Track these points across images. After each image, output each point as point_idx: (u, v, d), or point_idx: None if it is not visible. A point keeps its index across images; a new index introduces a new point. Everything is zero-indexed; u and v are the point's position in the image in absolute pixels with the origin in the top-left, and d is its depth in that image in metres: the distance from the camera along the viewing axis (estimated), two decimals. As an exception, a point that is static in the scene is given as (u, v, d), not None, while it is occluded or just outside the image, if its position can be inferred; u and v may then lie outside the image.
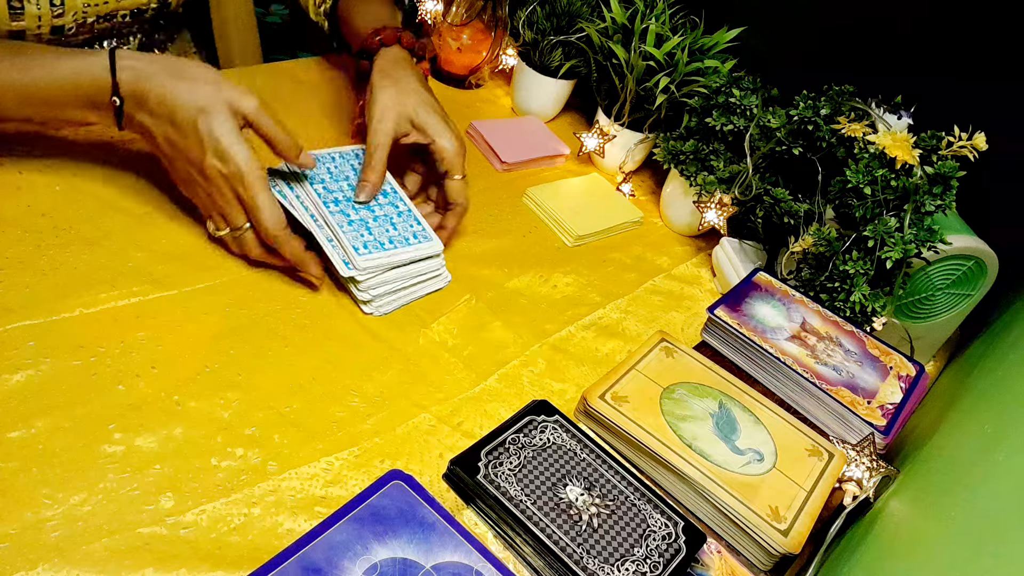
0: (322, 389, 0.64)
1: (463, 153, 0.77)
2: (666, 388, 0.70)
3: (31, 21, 0.73)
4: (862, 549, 0.60)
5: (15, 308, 0.60)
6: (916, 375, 0.79)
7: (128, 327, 0.62)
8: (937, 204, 0.78)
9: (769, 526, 0.60)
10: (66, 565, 0.47)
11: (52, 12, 0.74)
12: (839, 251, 0.81)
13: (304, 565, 0.49)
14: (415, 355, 0.70)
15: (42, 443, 0.52)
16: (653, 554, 0.57)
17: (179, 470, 0.54)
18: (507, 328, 0.77)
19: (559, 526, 0.57)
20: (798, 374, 0.75)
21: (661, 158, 0.97)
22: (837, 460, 0.68)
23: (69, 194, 0.70)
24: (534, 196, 0.95)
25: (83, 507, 0.50)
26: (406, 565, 0.51)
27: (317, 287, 0.71)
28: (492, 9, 1.07)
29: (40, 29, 0.75)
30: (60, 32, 0.77)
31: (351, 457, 0.60)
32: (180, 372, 0.60)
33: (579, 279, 0.87)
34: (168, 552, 0.50)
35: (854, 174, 0.79)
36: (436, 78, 1.13)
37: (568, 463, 0.62)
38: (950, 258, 0.82)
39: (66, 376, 0.57)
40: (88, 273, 0.64)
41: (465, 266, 0.82)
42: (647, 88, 0.98)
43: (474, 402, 0.68)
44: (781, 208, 0.88)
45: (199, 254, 0.70)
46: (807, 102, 0.87)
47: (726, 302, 0.81)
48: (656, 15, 0.98)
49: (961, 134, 0.78)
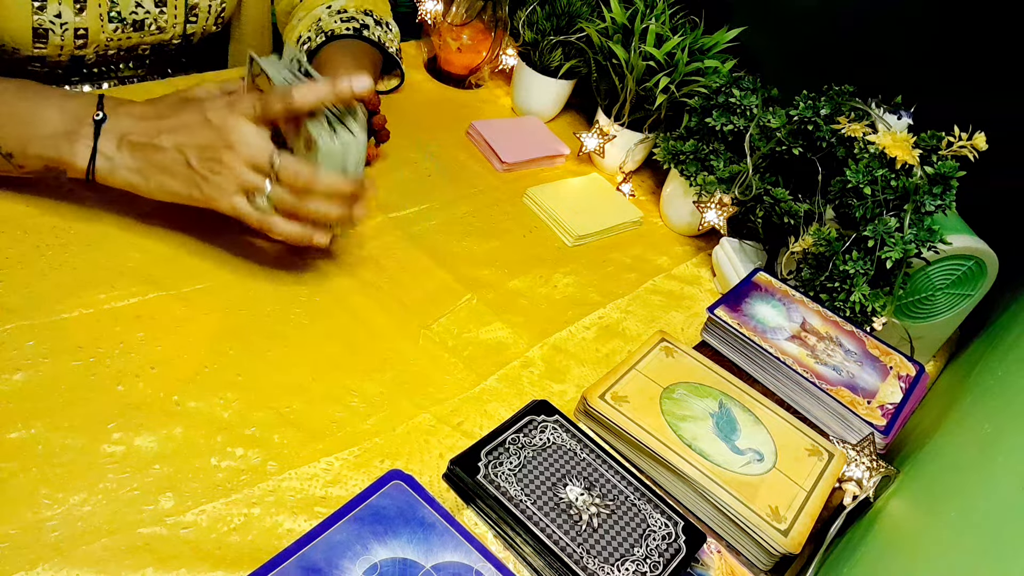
0: (322, 389, 0.64)
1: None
2: (666, 388, 0.70)
3: (53, 50, 0.73)
4: (862, 549, 0.60)
5: (15, 308, 0.60)
6: (916, 375, 0.79)
7: (127, 327, 0.62)
8: (937, 204, 0.78)
9: (769, 526, 0.60)
10: (66, 565, 0.47)
11: (75, 44, 0.74)
12: (839, 251, 0.81)
13: (304, 565, 0.49)
14: (415, 355, 0.70)
15: (42, 443, 0.52)
16: (653, 554, 0.57)
17: (179, 470, 0.54)
18: (507, 328, 0.77)
19: (559, 526, 0.57)
20: (798, 374, 0.75)
21: (661, 158, 0.97)
22: (837, 460, 0.68)
23: (69, 194, 0.70)
24: (534, 196, 0.95)
25: (83, 507, 0.50)
26: (406, 565, 0.51)
27: (326, 244, 0.68)
28: (492, 9, 1.07)
29: (60, 57, 0.75)
30: (80, 61, 0.77)
31: (351, 457, 0.60)
32: (179, 372, 0.60)
33: (579, 279, 0.87)
34: (168, 552, 0.50)
35: (854, 174, 0.79)
36: (436, 78, 1.13)
37: (568, 463, 0.62)
38: (950, 258, 0.82)
39: (65, 376, 0.57)
40: (87, 273, 0.64)
41: (465, 266, 0.82)
42: (647, 88, 0.98)
43: (474, 402, 0.68)
44: (781, 208, 0.88)
45: (198, 254, 0.70)
46: (807, 102, 0.87)
47: (726, 302, 0.81)
48: (656, 15, 0.98)
49: (961, 134, 0.78)
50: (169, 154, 0.62)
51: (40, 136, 0.62)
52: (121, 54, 0.81)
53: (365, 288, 0.75)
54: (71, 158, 0.62)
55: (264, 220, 0.64)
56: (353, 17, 0.92)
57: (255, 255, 0.72)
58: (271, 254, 0.73)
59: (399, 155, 0.94)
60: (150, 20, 0.80)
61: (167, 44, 0.85)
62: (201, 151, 0.61)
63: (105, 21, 0.75)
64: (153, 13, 0.79)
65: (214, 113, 0.61)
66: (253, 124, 0.61)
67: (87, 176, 0.63)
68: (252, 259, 0.72)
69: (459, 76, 1.13)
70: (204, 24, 0.87)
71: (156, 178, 0.63)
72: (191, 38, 0.87)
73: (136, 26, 0.79)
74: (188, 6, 0.82)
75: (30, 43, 0.71)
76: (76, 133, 0.61)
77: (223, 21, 0.90)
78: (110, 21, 0.76)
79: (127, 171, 0.63)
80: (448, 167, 0.97)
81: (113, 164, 0.62)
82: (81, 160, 0.62)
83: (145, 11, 0.79)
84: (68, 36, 0.73)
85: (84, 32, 0.74)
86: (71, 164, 0.62)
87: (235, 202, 0.63)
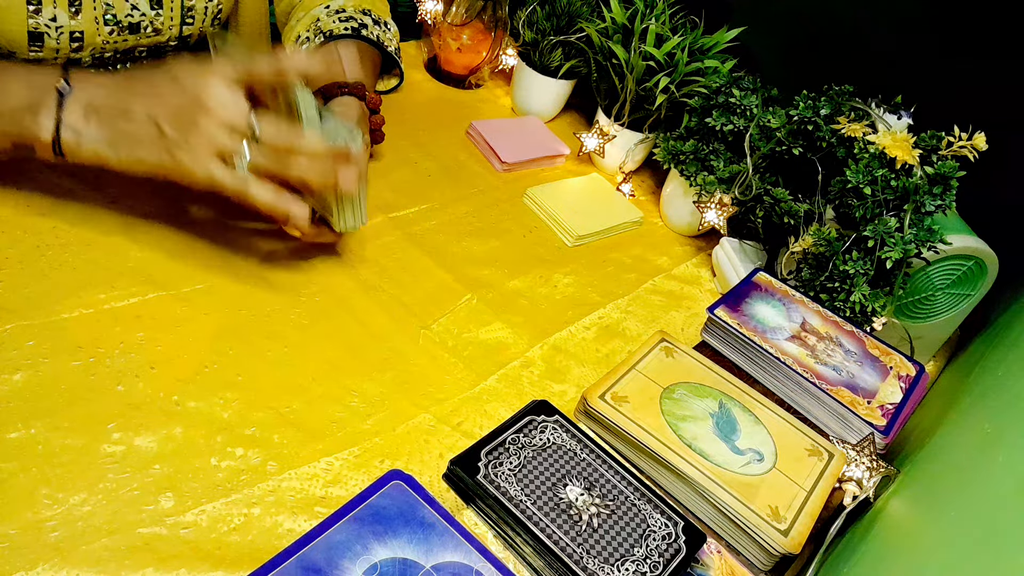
0: (322, 389, 0.64)
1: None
2: (666, 388, 0.70)
3: (48, 53, 0.73)
4: (862, 549, 0.60)
5: (15, 308, 0.60)
6: (916, 375, 0.79)
7: (127, 327, 0.62)
8: (937, 204, 0.78)
9: (769, 526, 0.60)
10: (66, 565, 0.47)
11: (71, 47, 0.74)
12: (839, 251, 0.81)
13: (304, 565, 0.49)
14: (415, 355, 0.70)
15: (41, 443, 0.52)
16: (653, 554, 0.57)
17: (179, 470, 0.54)
18: (507, 328, 0.77)
19: (559, 526, 0.57)
20: (798, 374, 0.75)
21: (661, 158, 0.97)
22: (837, 460, 0.68)
23: (69, 194, 0.70)
24: (534, 196, 0.95)
25: (83, 507, 0.50)
26: (406, 565, 0.51)
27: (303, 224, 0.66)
28: (492, 9, 1.07)
29: (56, 60, 0.75)
30: (75, 65, 0.77)
31: (351, 457, 0.60)
32: (179, 372, 0.60)
33: (579, 279, 0.87)
34: (168, 552, 0.50)
35: (854, 174, 0.79)
36: (436, 78, 1.13)
37: (568, 463, 0.62)
38: (950, 258, 0.82)
39: (65, 376, 0.57)
40: (87, 273, 0.64)
41: (465, 266, 0.82)
42: (647, 88, 0.98)
43: (474, 402, 0.68)
44: (781, 208, 0.88)
45: (198, 254, 0.70)
46: (807, 102, 0.87)
47: (726, 302, 0.81)
48: (656, 15, 0.98)
49: (961, 134, 0.78)
50: (140, 122, 0.59)
51: (3, 112, 0.59)
52: (117, 57, 0.81)
53: (365, 288, 0.75)
54: (36, 131, 0.59)
55: (241, 187, 0.60)
56: (351, 17, 0.92)
57: (255, 255, 0.72)
58: (271, 254, 0.73)
59: (399, 155, 0.95)
60: (146, 22, 0.79)
61: (163, 46, 0.85)
62: (174, 116, 0.58)
63: (101, 24, 0.75)
64: (149, 15, 0.79)
65: (187, 76, 0.58)
66: (231, 87, 0.58)
67: (53, 150, 0.59)
68: (252, 259, 0.72)
69: (459, 76, 1.13)
70: (200, 26, 0.86)
71: (126, 148, 0.59)
72: (187, 40, 0.86)
73: (132, 29, 0.78)
74: (184, 8, 0.82)
75: (26, 46, 0.71)
76: (40, 105, 0.59)
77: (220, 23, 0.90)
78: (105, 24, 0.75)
79: (95, 143, 0.59)
80: (448, 167, 0.97)
81: (80, 136, 0.59)
82: (46, 133, 0.59)
83: (141, 13, 0.78)
84: (64, 39, 0.73)
85: (80, 35, 0.74)
86: (36, 138, 0.59)
87: (211, 168, 0.59)
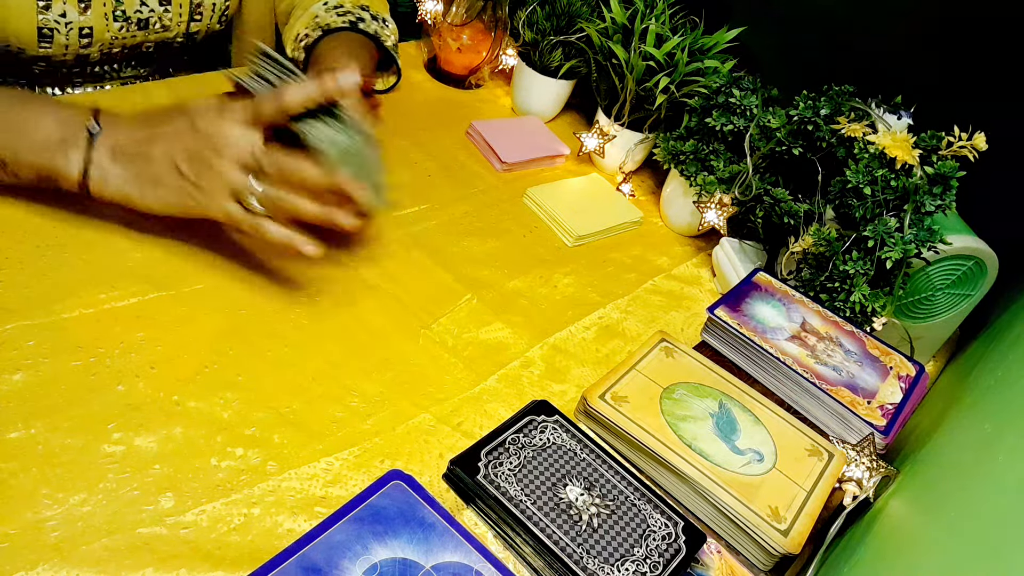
0: (322, 389, 0.64)
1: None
2: (666, 388, 0.70)
3: (57, 49, 0.73)
4: (862, 549, 0.60)
5: (15, 308, 0.60)
6: (916, 375, 0.79)
7: (127, 327, 0.62)
8: (937, 204, 0.78)
9: (769, 526, 0.60)
10: (66, 565, 0.47)
11: (80, 43, 0.74)
12: (839, 251, 0.81)
13: (304, 565, 0.49)
14: (415, 355, 0.70)
15: (42, 443, 0.52)
16: (653, 554, 0.57)
17: (179, 470, 0.54)
18: (507, 328, 0.77)
19: (559, 526, 0.57)
20: (798, 374, 0.75)
21: (661, 158, 0.97)
22: (837, 460, 0.68)
23: (69, 195, 0.69)
24: (534, 196, 0.95)
25: (83, 507, 0.50)
26: (406, 565, 0.51)
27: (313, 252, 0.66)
28: (492, 9, 1.07)
29: (65, 56, 0.75)
30: (84, 60, 0.77)
31: (351, 457, 0.60)
32: (180, 372, 0.60)
33: (579, 279, 0.87)
34: (168, 552, 0.50)
35: (854, 174, 0.79)
36: (436, 78, 1.13)
37: (568, 463, 0.62)
38: (950, 258, 0.82)
39: (65, 376, 0.57)
40: (87, 273, 0.64)
41: (465, 266, 0.82)
42: (647, 88, 0.98)
43: (474, 402, 0.68)
44: (781, 208, 0.88)
45: (198, 254, 0.70)
46: (807, 102, 0.87)
47: (726, 302, 0.81)
48: (656, 15, 0.98)
49: (961, 134, 0.78)
50: (160, 164, 0.61)
51: (34, 145, 0.61)
52: (125, 52, 0.81)
53: (365, 288, 0.75)
54: (65, 168, 0.61)
55: (255, 225, 0.63)
56: (349, 11, 0.92)
57: (255, 255, 0.72)
58: (271, 255, 0.73)
59: (399, 155, 0.95)
60: (155, 19, 0.80)
61: (171, 42, 0.85)
62: (190, 158, 0.60)
63: (110, 20, 0.75)
64: (158, 11, 0.80)
65: (203, 120, 0.60)
66: (242, 127, 0.60)
67: (80, 187, 0.61)
68: (252, 259, 0.72)
69: (459, 76, 1.13)
70: (208, 22, 0.87)
71: (150, 189, 0.62)
72: (195, 36, 0.87)
73: (141, 24, 0.79)
74: (192, 4, 0.82)
75: (35, 43, 0.71)
76: (69, 142, 0.61)
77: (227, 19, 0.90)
78: (115, 20, 0.76)
79: (120, 182, 0.62)
80: (448, 167, 0.97)
81: (106, 175, 0.61)
82: (74, 170, 0.61)
83: (150, 9, 0.79)
84: (73, 35, 0.73)
85: (89, 31, 0.74)
86: (64, 174, 0.61)
87: (227, 208, 0.62)
